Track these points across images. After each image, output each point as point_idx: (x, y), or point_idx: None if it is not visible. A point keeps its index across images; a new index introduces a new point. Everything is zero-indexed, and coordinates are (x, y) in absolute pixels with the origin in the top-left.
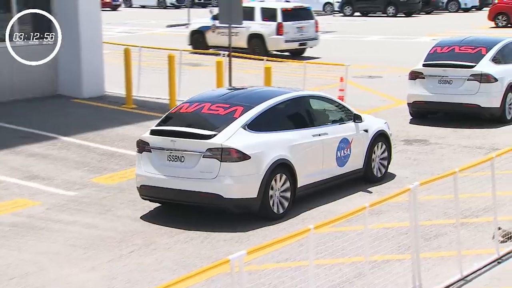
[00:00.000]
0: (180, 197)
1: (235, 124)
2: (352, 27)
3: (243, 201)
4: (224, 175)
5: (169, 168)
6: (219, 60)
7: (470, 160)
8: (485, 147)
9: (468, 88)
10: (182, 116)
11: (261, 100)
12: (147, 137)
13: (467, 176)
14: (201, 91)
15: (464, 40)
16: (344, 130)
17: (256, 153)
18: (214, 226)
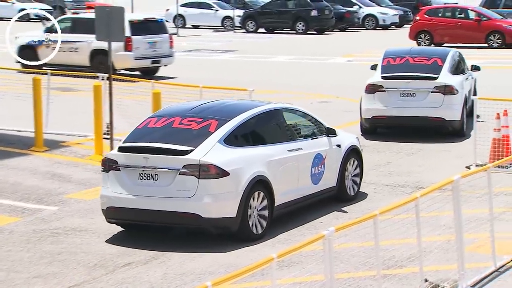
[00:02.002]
0: (155, 218)
1: (211, 139)
2: (255, 45)
3: (222, 220)
4: (203, 193)
5: (141, 187)
6: (97, 84)
7: (392, 201)
8: (408, 185)
9: (432, 101)
10: (151, 132)
11: (235, 113)
12: (115, 155)
13: (389, 219)
14: (76, 121)
15: (412, 50)
16: (318, 145)
17: (235, 169)
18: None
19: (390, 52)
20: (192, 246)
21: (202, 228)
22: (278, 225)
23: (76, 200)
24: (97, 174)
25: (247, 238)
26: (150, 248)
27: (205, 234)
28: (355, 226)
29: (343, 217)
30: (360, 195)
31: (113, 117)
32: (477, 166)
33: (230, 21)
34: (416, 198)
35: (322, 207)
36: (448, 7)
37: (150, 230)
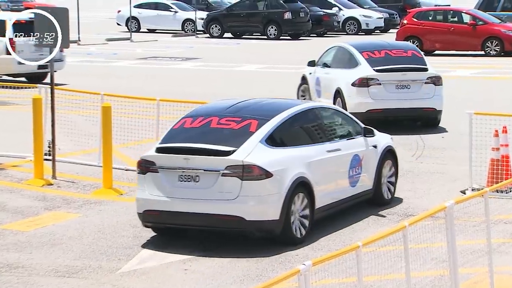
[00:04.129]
0: (195, 221)
1: (253, 139)
2: (221, 52)
3: (265, 223)
4: (246, 195)
5: (181, 190)
6: (37, 96)
7: (377, 230)
8: (396, 212)
9: (425, 92)
10: (189, 132)
11: (274, 112)
12: (152, 156)
13: (374, 251)
14: (12, 140)
15: (381, 43)
16: (355, 146)
17: (278, 170)
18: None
19: (362, 46)
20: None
21: (245, 231)
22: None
23: (11, 231)
24: (37, 201)
25: (290, 241)
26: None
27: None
28: (335, 260)
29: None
30: (395, 200)
31: (55, 135)
32: (473, 190)
33: (192, 25)
34: (404, 227)
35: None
36: (440, 10)
37: (185, 235)
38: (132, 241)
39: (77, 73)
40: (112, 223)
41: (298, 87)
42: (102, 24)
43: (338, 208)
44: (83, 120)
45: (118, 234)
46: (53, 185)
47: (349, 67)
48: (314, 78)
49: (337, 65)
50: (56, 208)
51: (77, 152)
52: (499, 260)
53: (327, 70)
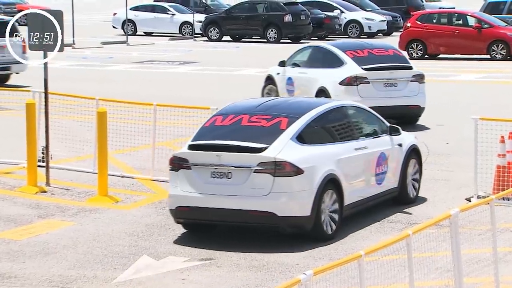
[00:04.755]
0: (227, 217)
1: (284, 136)
2: (220, 56)
3: (297, 219)
4: (278, 191)
5: (214, 186)
6: (30, 101)
7: (380, 239)
8: (400, 220)
9: (411, 89)
10: (220, 129)
11: (303, 110)
12: (185, 153)
13: (376, 260)
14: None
15: (361, 43)
16: (381, 144)
17: (309, 167)
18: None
19: (343, 45)
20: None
21: (277, 227)
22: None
23: (4, 240)
24: (30, 209)
25: (320, 237)
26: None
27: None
28: (337, 269)
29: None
30: (419, 198)
31: (49, 141)
32: (478, 198)
33: (190, 28)
34: (408, 236)
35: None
36: (444, 12)
37: (213, 231)
38: (128, 250)
39: (71, 77)
40: (108, 231)
41: (263, 88)
42: (97, 27)
43: (364, 206)
44: (77, 126)
45: (114, 242)
46: (46, 192)
47: (332, 66)
48: (285, 78)
49: (315, 64)
50: (50, 216)
51: (72, 158)
52: (505, 270)
53: (301, 69)
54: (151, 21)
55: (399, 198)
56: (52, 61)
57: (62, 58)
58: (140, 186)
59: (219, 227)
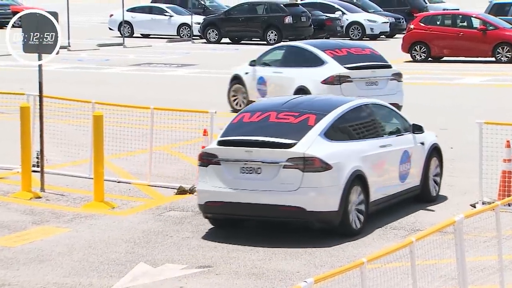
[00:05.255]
0: (256, 212)
1: (312, 132)
2: (218, 58)
3: (325, 214)
4: (307, 186)
5: (243, 181)
6: (25, 105)
7: (383, 246)
8: (403, 227)
9: (391, 88)
10: (249, 126)
11: (330, 107)
12: (214, 149)
13: (379, 268)
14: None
15: (337, 42)
16: (405, 142)
17: (337, 163)
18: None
19: (321, 44)
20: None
21: (306, 221)
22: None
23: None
24: (25, 215)
25: (347, 233)
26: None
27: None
28: (338, 277)
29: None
30: (440, 197)
31: (44, 145)
32: (483, 204)
33: (188, 30)
34: (411, 243)
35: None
36: (448, 14)
37: (242, 226)
38: (125, 257)
39: (67, 80)
40: (104, 238)
41: (229, 88)
42: (93, 28)
43: (388, 203)
44: (73, 130)
45: (110, 249)
46: (41, 198)
47: (312, 66)
48: (255, 78)
49: (292, 64)
50: (45, 222)
51: (67, 163)
52: (511, 278)
53: (275, 69)
54: (148, 23)
55: (421, 196)
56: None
57: (57, 61)
58: (137, 192)
59: (247, 223)
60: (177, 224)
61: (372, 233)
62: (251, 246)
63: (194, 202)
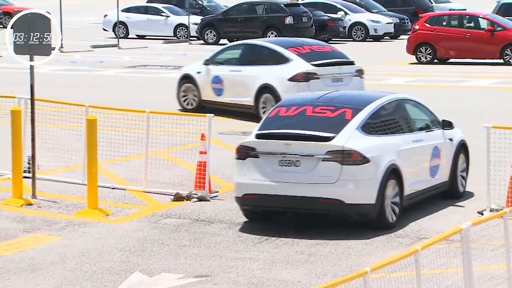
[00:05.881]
0: (295, 204)
1: (350, 126)
2: None
3: (363, 207)
4: (346, 179)
5: (282, 174)
6: (16, 108)
7: (387, 255)
8: (408, 235)
9: (355, 84)
10: (286, 119)
11: (366, 102)
12: (253, 142)
13: (383, 277)
14: None
15: (296, 40)
16: (435, 138)
17: (374, 156)
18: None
19: (283, 43)
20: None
21: (344, 214)
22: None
23: None
24: (15, 222)
25: (384, 226)
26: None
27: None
28: (341, 286)
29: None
30: (466, 193)
31: (35, 150)
32: (491, 211)
33: (185, 30)
34: (417, 251)
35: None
36: (454, 14)
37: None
38: (119, 266)
39: (59, 83)
40: (97, 246)
41: (179, 87)
42: (87, 29)
43: (420, 198)
44: (66, 134)
45: (104, 258)
46: (33, 205)
47: (276, 63)
48: (210, 77)
49: (253, 62)
50: (36, 230)
51: (59, 169)
52: None
53: (234, 67)
54: (144, 23)
55: (449, 192)
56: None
57: (50, 62)
58: (132, 199)
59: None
60: (173, 232)
61: (376, 241)
62: (250, 255)
63: (191, 209)
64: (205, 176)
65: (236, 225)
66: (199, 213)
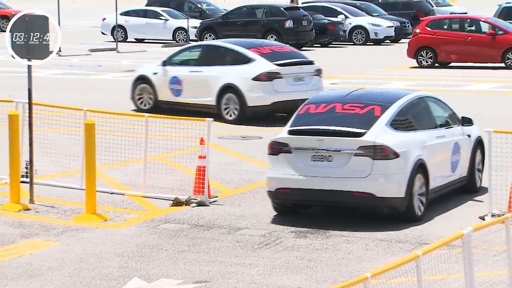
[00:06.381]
0: (327, 197)
1: (380, 122)
2: None
3: (393, 200)
4: (377, 173)
5: (314, 169)
6: (14, 112)
7: (388, 260)
8: (409, 240)
9: (314, 83)
10: (317, 116)
11: (392, 99)
12: (286, 138)
13: (384, 283)
14: None
15: (259, 41)
16: (455, 134)
17: (403, 151)
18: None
19: (243, 43)
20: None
21: (375, 207)
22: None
23: None
24: (13, 228)
25: (412, 218)
26: None
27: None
28: None
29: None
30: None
31: (33, 155)
32: (493, 216)
33: (184, 34)
34: (418, 257)
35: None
36: (456, 18)
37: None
38: (118, 272)
39: (57, 87)
40: (96, 252)
41: (133, 88)
42: (85, 33)
43: (442, 192)
44: (64, 139)
45: (102, 264)
46: (30, 210)
47: (238, 63)
48: (168, 78)
49: (213, 62)
50: (34, 235)
51: (57, 173)
52: None
53: (193, 68)
54: (142, 27)
55: (468, 186)
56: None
57: (47, 67)
58: (130, 203)
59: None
60: (172, 237)
61: (377, 247)
62: (250, 260)
63: (190, 214)
64: (204, 181)
65: (235, 230)
66: (198, 218)
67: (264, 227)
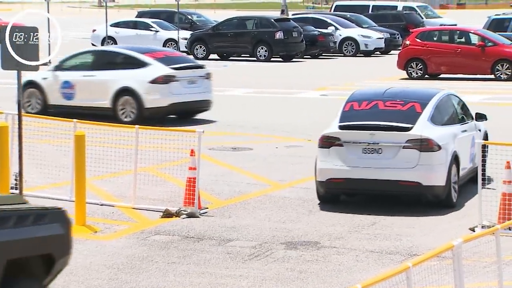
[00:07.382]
0: (377, 187)
1: (422, 118)
2: None
3: (436, 188)
4: (423, 164)
5: (365, 160)
6: (3, 124)
7: (379, 271)
8: (399, 252)
9: (205, 86)
10: (363, 112)
11: (428, 96)
12: (337, 132)
13: None
14: None
15: (149, 47)
16: (472, 128)
17: (444, 144)
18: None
19: (138, 49)
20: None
21: (421, 195)
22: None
23: None
24: None
25: (450, 205)
26: None
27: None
28: None
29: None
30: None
31: (23, 166)
32: (483, 227)
33: (174, 45)
34: (408, 268)
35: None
36: (445, 30)
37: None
38: (108, 284)
39: None
40: (85, 264)
41: (22, 93)
42: (75, 44)
43: (463, 180)
44: (53, 150)
45: (92, 276)
46: None
47: (134, 67)
48: (59, 82)
49: (106, 67)
50: None
51: (47, 185)
52: None
53: (86, 72)
54: (133, 38)
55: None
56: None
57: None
58: (120, 215)
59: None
60: (163, 249)
61: (367, 258)
62: (241, 272)
63: (180, 225)
64: (194, 192)
65: (226, 242)
66: (188, 230)
67: (255, 239)
